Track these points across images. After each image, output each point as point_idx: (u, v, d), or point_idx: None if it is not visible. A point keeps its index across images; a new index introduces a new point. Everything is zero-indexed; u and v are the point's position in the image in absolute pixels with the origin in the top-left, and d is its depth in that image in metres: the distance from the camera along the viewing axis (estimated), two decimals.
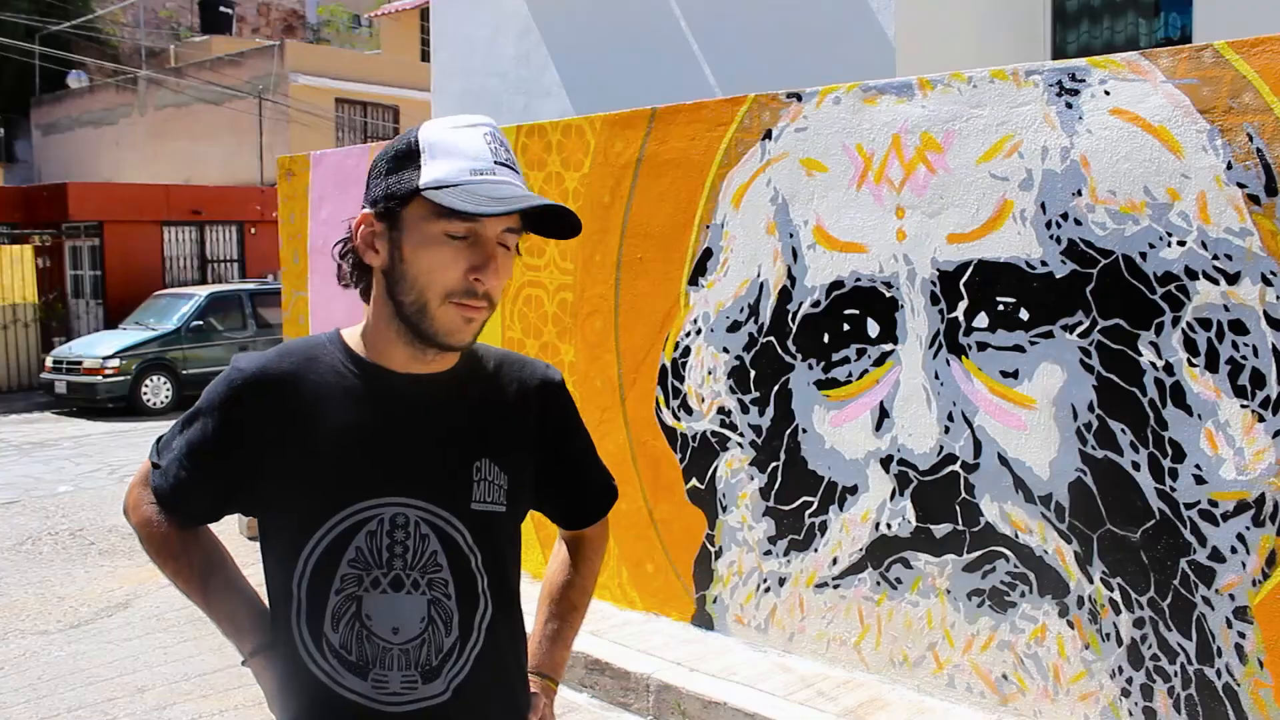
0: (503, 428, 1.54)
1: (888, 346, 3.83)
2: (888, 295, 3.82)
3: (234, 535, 6.46)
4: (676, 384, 4.54)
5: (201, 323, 13.22)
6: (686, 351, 4.49)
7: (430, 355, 1.46)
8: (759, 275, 4.21)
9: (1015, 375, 3.52)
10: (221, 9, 29.60)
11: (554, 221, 1.45)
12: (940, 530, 3.72)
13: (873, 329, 3.87)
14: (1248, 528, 3.10)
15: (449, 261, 1.39)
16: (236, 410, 1.44)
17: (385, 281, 1.43)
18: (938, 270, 3.69)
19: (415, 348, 1.45)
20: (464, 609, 1.46)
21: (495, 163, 1.40)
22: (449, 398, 1.49)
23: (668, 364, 4.57)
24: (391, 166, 1.42)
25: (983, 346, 3.59)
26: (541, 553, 5.14)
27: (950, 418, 3.68)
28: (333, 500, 1.42)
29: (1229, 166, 3.08)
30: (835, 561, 4.02)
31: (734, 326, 4.31)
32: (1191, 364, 3.17)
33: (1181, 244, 3.16)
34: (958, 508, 3.67)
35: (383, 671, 1.42)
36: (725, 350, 4.35)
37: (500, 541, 1.51)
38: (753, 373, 4.25)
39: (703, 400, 4.44)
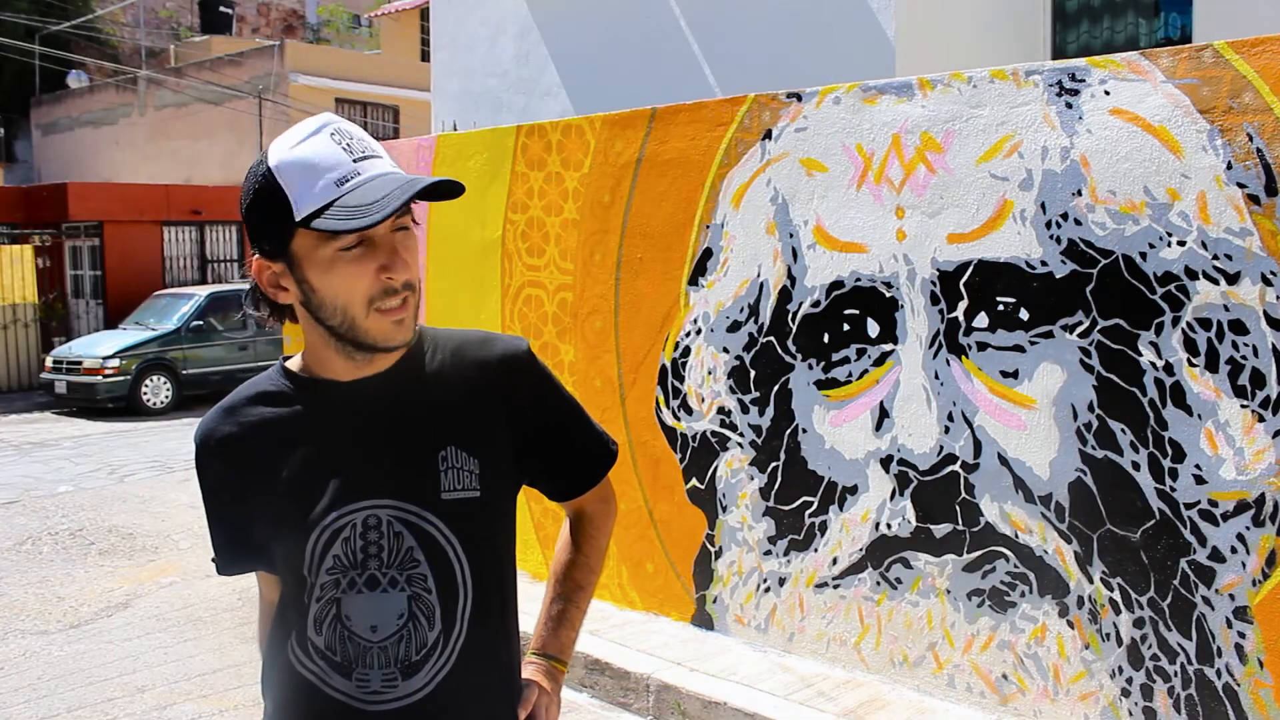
0: (467, 411, 1.50)
1: (888, 346, 3.83)
2: (888, 295, 3.82)
3: None
4: (676, 384, 4.54)
5: (201, 323, 13.22)
6: (686, 351, 4.49)
7: (374, 360, 1.46)
8: (759, 275, 4.21)
9: (1015, 375, 3.52)
10: (221, 9, 29.61)
11: (438, 189, 1.39)
12: (940, 530, 3.72)
13: (873, 329, 3.87)
14: (1248, 528, 3.10)
15: (356, 273, 1.36)
16: (204, 478, 1.52)
17: (306, 311, 1.43)
18: (938, 270, 3.69)
19: (357, 359, 1.45)
20: (445, 602, 1.45)
21: (354, 161, 1.36)
22: (403, 392, 1.48)
23: (668, 364, 4.57)
24: (259, 206, 1.37)
25: (983, 346, 3.59)
26: (541, 553, 5.14)
27: (950, 418, 3.68)
28: (310, 520, 1.44)
29: (1229, 166, 3.08)
30: (835, 561, 4.02)
31: (734, 326, 4.31)
32: (1191, 364, 3.17)
33: (1181, 244, 3.16)
34: (958, 508, 3.67)
35: (365, 670, 1.43)
36: (725, 350, 4.35)
37: (480, 528, 1.49)
38: (753, 373, 4.25)
39: (703, 400, 4.44)
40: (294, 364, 1.53)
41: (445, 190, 1.38)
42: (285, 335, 7.33)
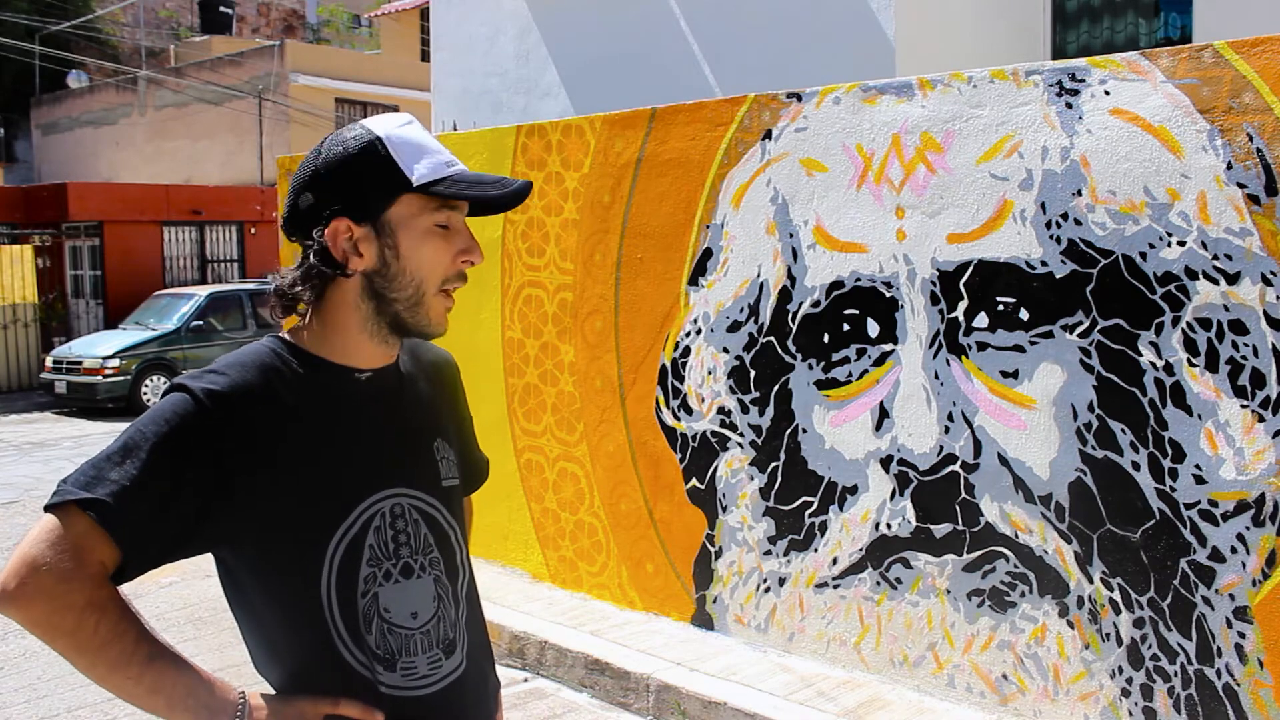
0: (439, 405, 1.63)
1: (888, 346, 3.83)
2: (888, 295, 3.82)
3: None
4: (676, 384, 4.53)
5: (201, 323, 13.23)
6: (686, 351, 4.49)
7: (393, 348, 1.52)
8: (759, 275, 4.21)
9: (1015, 375, 3.52)
10: (221, 9, 29.60)
11: (505, 202, 1.53)
12: (940, 530, 3.72)
13: (873, 329, 3.87)
14: (1248, 528, 3.10)
15: (442, 250, 1.46)
16: (216, 434, 1.35)
17: (368, 283, 1.44)
18: (938, 270, 3.69)
19: (387, 344, 1.50)
20: (453, 582, 1.54)
21: (445, 149, 1.48)
22: (403, 386, 1.55)
23: (668, 364, 4.57)
24: (361, 167, 1.41)
25: (983, 346, 3.59)
26: (541, 553, 5.14)
27: (950, 418, 3.68)
28: (339, 507, 1.44)
29: (1229, 166, 3.08)
30: (835, 561, 4.02)
31: (734, 326, 4.31)
32: (1191, 364, 3.17)
33: (1181, 244, 3.16)
34: (958, 508, 3.67)
35: (410, 659, 1.46)
36: (725, 350, 4.35)
37: (461, 513, 1.61)
38: (753, 373, 4.25)
39: (703, 400, 4.44)
40: (301, 343, 1.47)
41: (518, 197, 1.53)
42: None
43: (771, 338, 4.18)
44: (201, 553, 1.41)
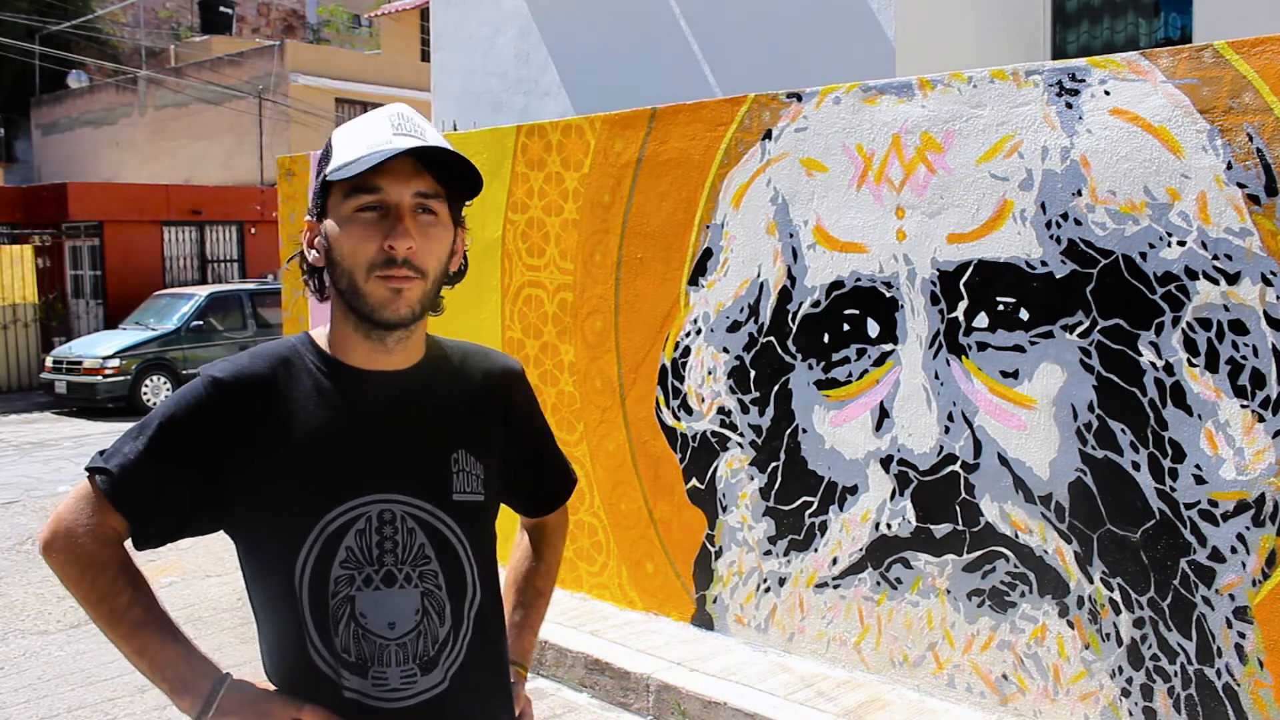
0: (474, 419, 1.56)
1: (888, 346, 3.83)
2: (888, 295, 3.82)
3: None
4: (676, 384, 4.54)
5: (201, 323, 13.23)
6: (686, 351, 4.49)
7: (389, 345, 1.47)
8: (759, 275, 4.21)
9: (1015, 375, 3.52)
10: (221, 9, 29.61)
11: (460, 174, 1.45)
12: (940, 530, 3.72)
13: (873, 329, 3.87)
14: (1248, 528, 3.10)
15: (365, 236, 1.41)
16: (215, 417, 1.42)
17: (329, 276, 1.47)
18: (938, 270, 3.69)
19: (372, 340, 1.46)
20: (454, 599, 1.48)
21: (394, 134, 1.41)
22: (422, 392, 1.51)
23: (668, 364, 4.57)
24: (316, 172, 1.47)
25: (983, 346, 3.59)
26: None
27: (950, 418, 3.68)
28: (321, 502, 1.43)
29: (1229, 166, 3.08)
30: (835, 561, 4.02)
31: (734, 326, 4.31)
32: (1191, 364, 3.17)
33: (1181, 244, 3.17)
34: (958, 508, 3.67)
35: (381, 668, 1.42)
36: (725, 350, 4.35)
37: (482, 531, 1.54)
38: (753, 373, 4.25)
39: (703, 400, 4.44)
40: (320, 339, 1.51)
41: (462, 178, 1.45)
42: (285, 335, 7.32)
43: (771, 338, 4.18)
44: (211, 531, 1.50)
